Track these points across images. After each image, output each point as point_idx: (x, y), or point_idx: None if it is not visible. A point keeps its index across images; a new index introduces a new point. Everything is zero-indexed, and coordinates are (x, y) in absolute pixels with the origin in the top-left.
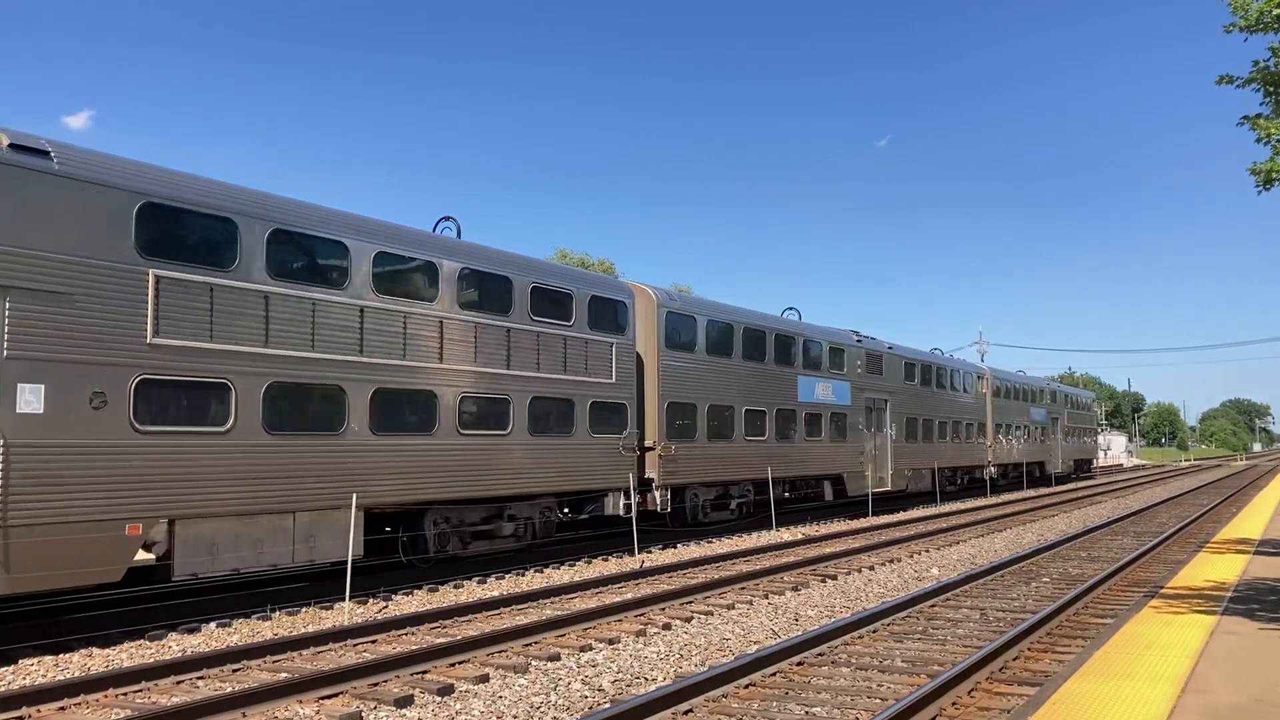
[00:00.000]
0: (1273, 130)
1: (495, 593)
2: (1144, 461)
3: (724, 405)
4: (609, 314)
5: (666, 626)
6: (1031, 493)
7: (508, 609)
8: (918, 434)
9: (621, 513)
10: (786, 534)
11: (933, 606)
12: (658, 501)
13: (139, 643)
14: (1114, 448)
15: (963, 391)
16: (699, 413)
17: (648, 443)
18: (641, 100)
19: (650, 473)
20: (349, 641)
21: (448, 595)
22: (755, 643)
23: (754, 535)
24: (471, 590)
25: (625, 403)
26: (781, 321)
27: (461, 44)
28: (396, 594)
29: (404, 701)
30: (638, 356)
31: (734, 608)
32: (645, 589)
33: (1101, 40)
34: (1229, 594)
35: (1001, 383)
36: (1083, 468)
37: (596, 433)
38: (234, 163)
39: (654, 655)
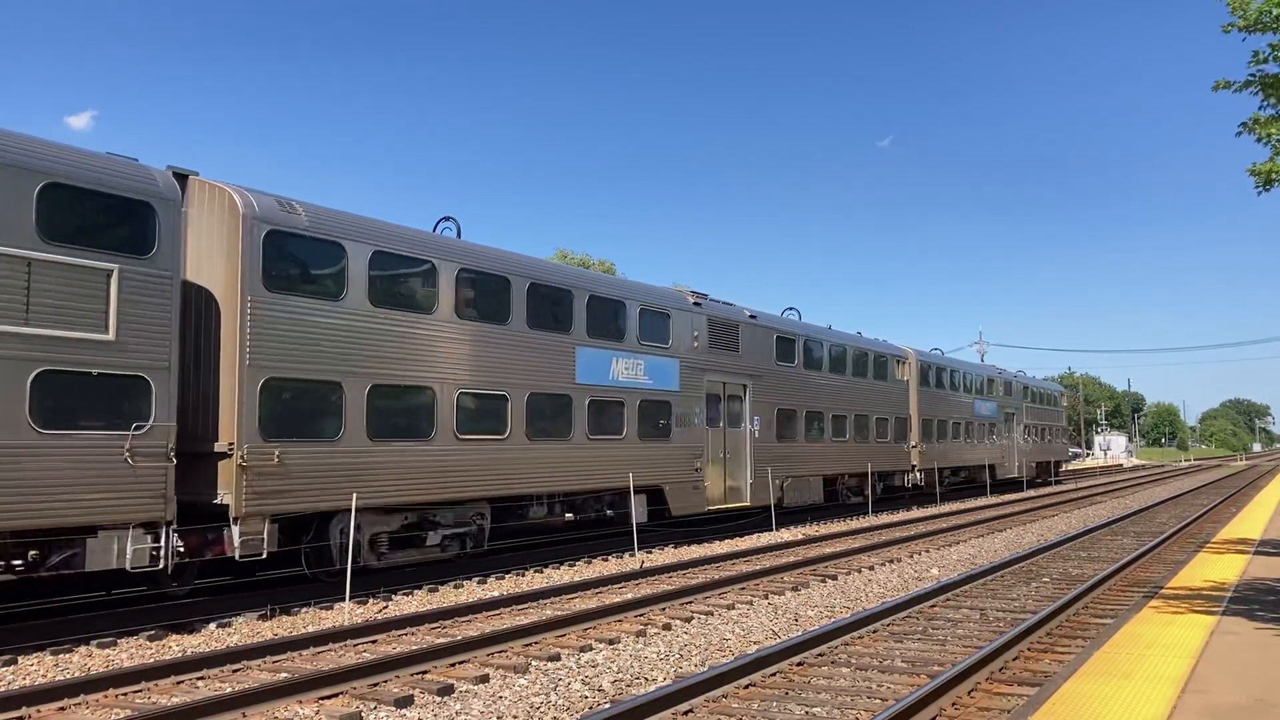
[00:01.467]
0: (1273, 131)
1: (495, 593)
2: (1144, 461)
3: (413, 384)
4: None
5: (666, 626)
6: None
7: (508, 609)
8: (796, 431)
9: (128, 566)
10: (786, 534)
11: (933, 606)
12: (235, 543)
13: (139, 643)
14: (1114, 448)
15: (871, 378)
16: (346, 395)
17: (220, 445)
18: (643, 100)
19: (225, 496)
20: (349, 641)
21: (448, 595)
22: (755, 643)
23: (754, 535)
24: (471, 590)
25: (141, 374)
26: (522, 261)
27: (462, 44)
28: (396, 594)
29: (404, 701)
30: (195, 295)
31: (734, 608)
32: (645, 589)
33: (1102, 41)
34: (1229, 594)
35: (933, 369)
36: (1049, 472)
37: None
38: (235, 162)
39: (654, 655)
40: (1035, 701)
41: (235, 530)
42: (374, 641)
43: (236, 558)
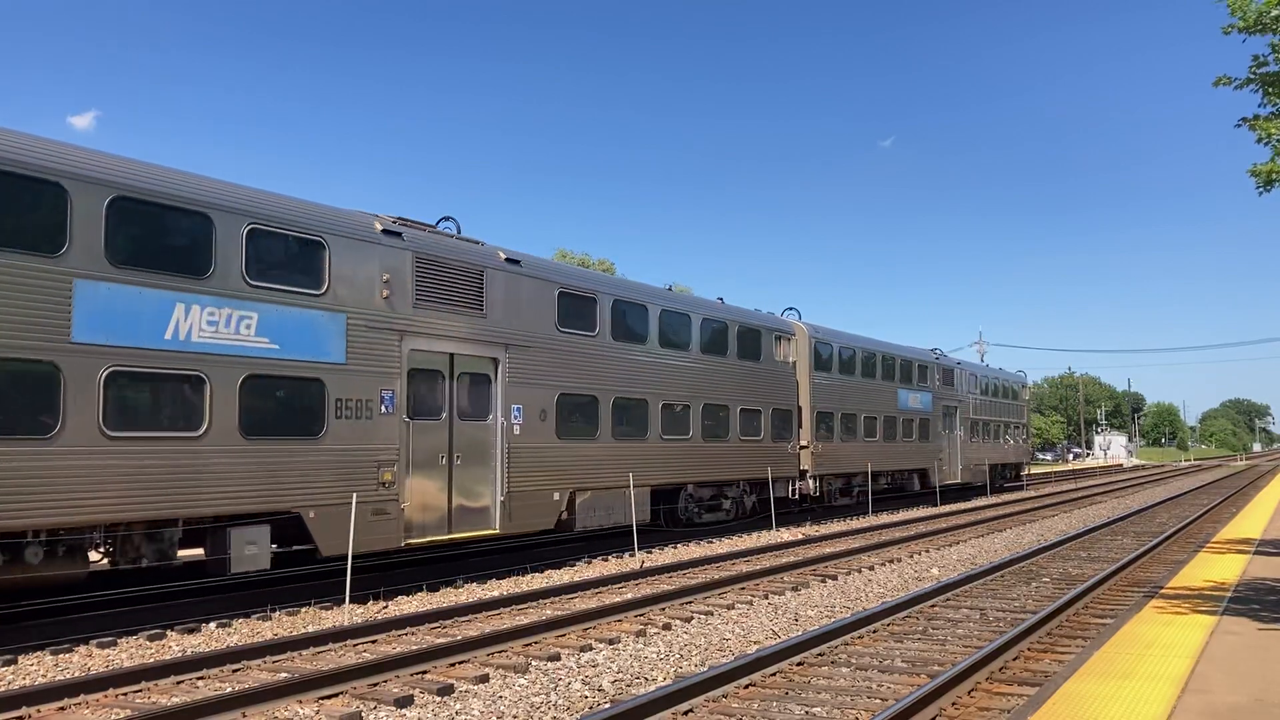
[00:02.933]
0: (1272, 130)
1: (495, 593)
2: (1144, 461)
3: None
4: None
5: (666, 626)
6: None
7: (508, 609)
8: (598, 425)
9: None
10: (786, 534)
11: (933, 606)
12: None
13: (139, 643)
14: (1114, 448)
15: (735, 357)
16: None
17: None
18: (644, 100)
19: None
20: (349, 641)
21: (448, 595)
22: (755, 643)
23: (754, 535)
24: (471, 590)
25: None
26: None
27: (462, 44)
28: (396, 594)
29: (404, 701)
30: None
31: (734, 608)
32: (645, 589)
33: (1103, 42)
34: (1229, 594)
35: (834, 350)
36: (1007, 477)
37: None
38: (236, 162)
39: (654, 655)
40: (1035, 701)
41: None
42: (374, 641)
43: None
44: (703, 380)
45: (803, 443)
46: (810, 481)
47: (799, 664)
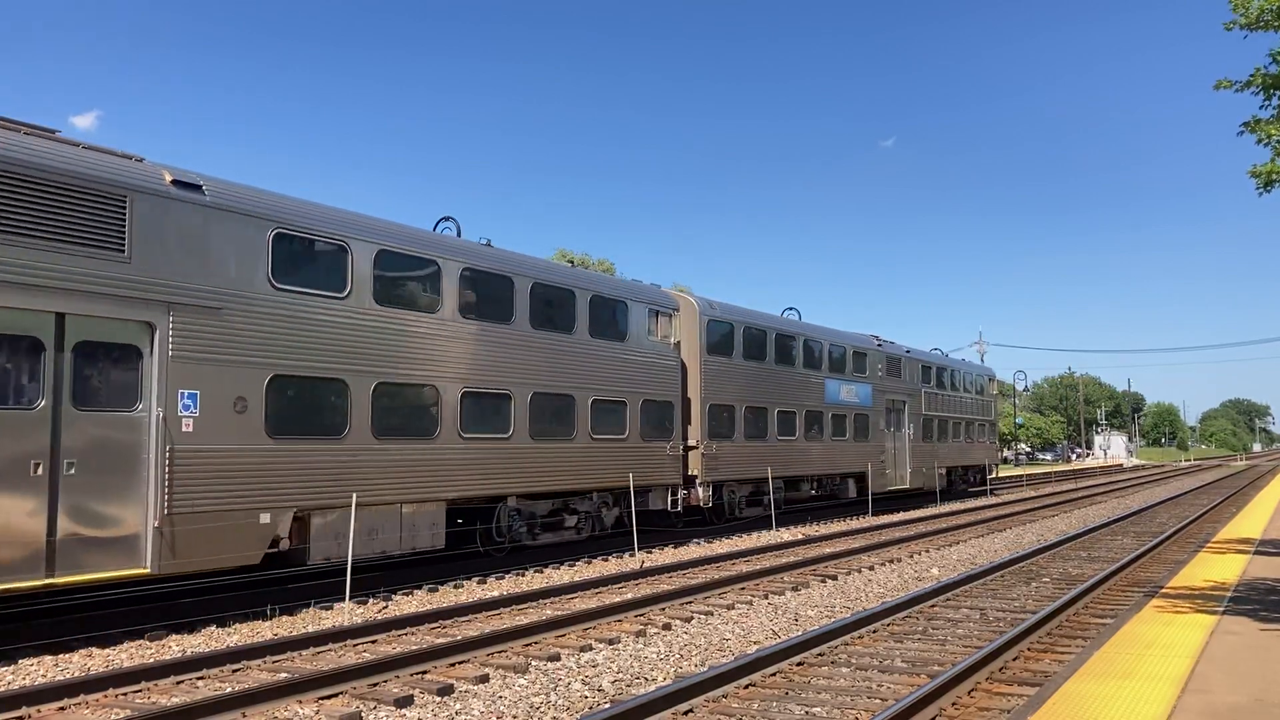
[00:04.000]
0: (1272, 132)
1: (495, 593)
2: (1144, 461)
3: None
4: None
5: (666, 626)
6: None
7: (507, 609)
8: (339, 419)
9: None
10: (786, 534)
11: (933, 606)
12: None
13: (139, 643)
14: (1114, 448)
15: (587, 334)
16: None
17: None
18: (644, 100)
19: None
20: (349, 641)
21: (448, 595)
22: (755, 643)
23: (754, 535)
24: (471, 590)
25: None
26: None
27: (462, 44)
28: (396, 594)
29: (404, 701)
30: None
31: (734, 608)
32: (645, 589)
33: (1104, 42)
34: (1229, 594)
35: (735, 331)
36: (969, 481)
37: None
38: (237, 162)
39: (654, 655)
40: (1035, 701)
41: None
42: (374, 641)
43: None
44: (532, 363)
45: (691, 442)
46: (700, 490)
47: (799, 664)
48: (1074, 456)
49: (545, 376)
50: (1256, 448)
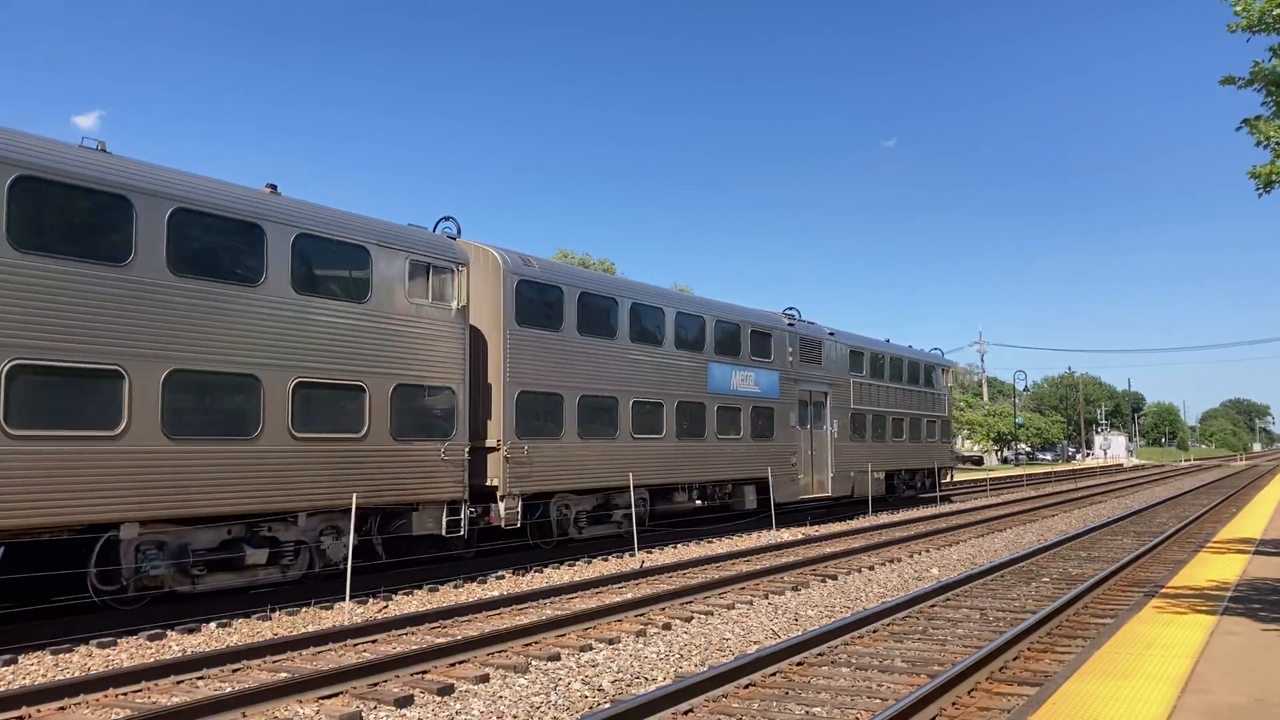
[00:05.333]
0: (1271, 134)
1: (495, 593)
2: (1144, 461)
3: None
4: None
5: (666, 626)
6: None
7: (507, 609)
8: None
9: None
10: (786, 534)
11: (933, 606)
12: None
13: (139, 643)
14: (1114, 448)
15: (282, 289)
16: None
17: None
18: (646, 101)
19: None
20: (349, 641)
21: (448, 595)
22: (755, 643)
23: (754, 535)
24: (471, 590)
25: None
26: None
27: (462, 44)
28: (396, 594)
29: (404, 701)
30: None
31: (734, 608)
32: (645, 589)
33: (1105, 42)
34: (1229, 594)
35: (562, 295)
36: (919, 486)
37: None
38: (237, 162)
39: (654, 655)
40: (1035, 701)
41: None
42: (374, 641)
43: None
44: (170, 328)
45: (490, 442)
46: (503, 505)
47: (799, 664)
48: (1080, 456)
49: (195, 350)
50: (1256, 448)
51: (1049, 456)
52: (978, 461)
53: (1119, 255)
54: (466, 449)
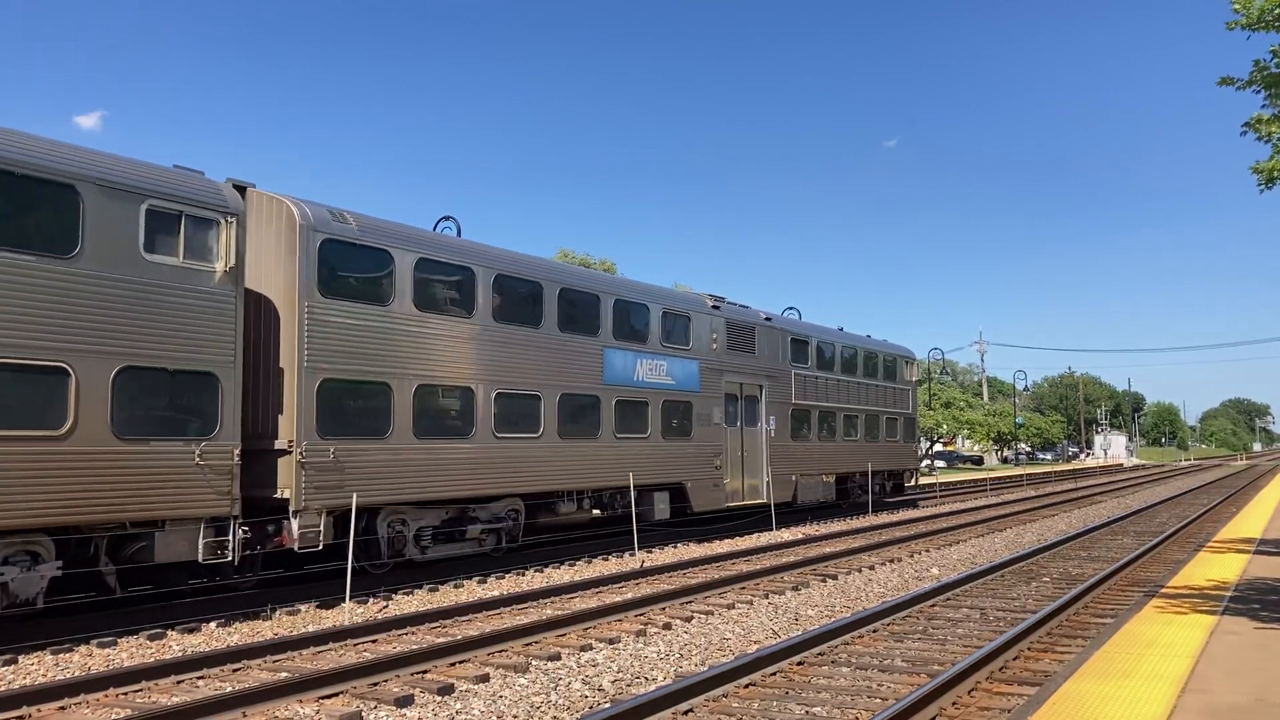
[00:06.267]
0: (1274, 130)
1: (495, 593)
2: (1144, 461)
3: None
4: None
5: (666, 626)
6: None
7: (508, 609)
8: None
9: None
10: (786, 534)
11: (933, 606)
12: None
13: (139, 642)
14: (1114, 447)
15: (15, 245)
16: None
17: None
18: (647, 101)
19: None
20: (349, 641)
21: (448, 595)
22: (755, 642)
23: (754, 535)
24: (471, 590)
25: None
26: None
27: (463, 45)
28: (396, 594)
29: (404, 701)
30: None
31: (734, 607)
32: (645, 589)
33: (1106, 42)
34: (1229, 593)
35: (391, 259)
36: (880, 490)
37: None
38: (239, 162)
39: (654, 655)
40: (1035, 701)
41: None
42: (374, 641)
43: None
44: None
45: (280, 443)
46: (296, 523)
47: (799, 663)
48: (1083, 455)
49: None
50: (1257, 447)
51: (1049, 456)
52: (978, 461)
53: (1119, 255)
54: (237, 451)
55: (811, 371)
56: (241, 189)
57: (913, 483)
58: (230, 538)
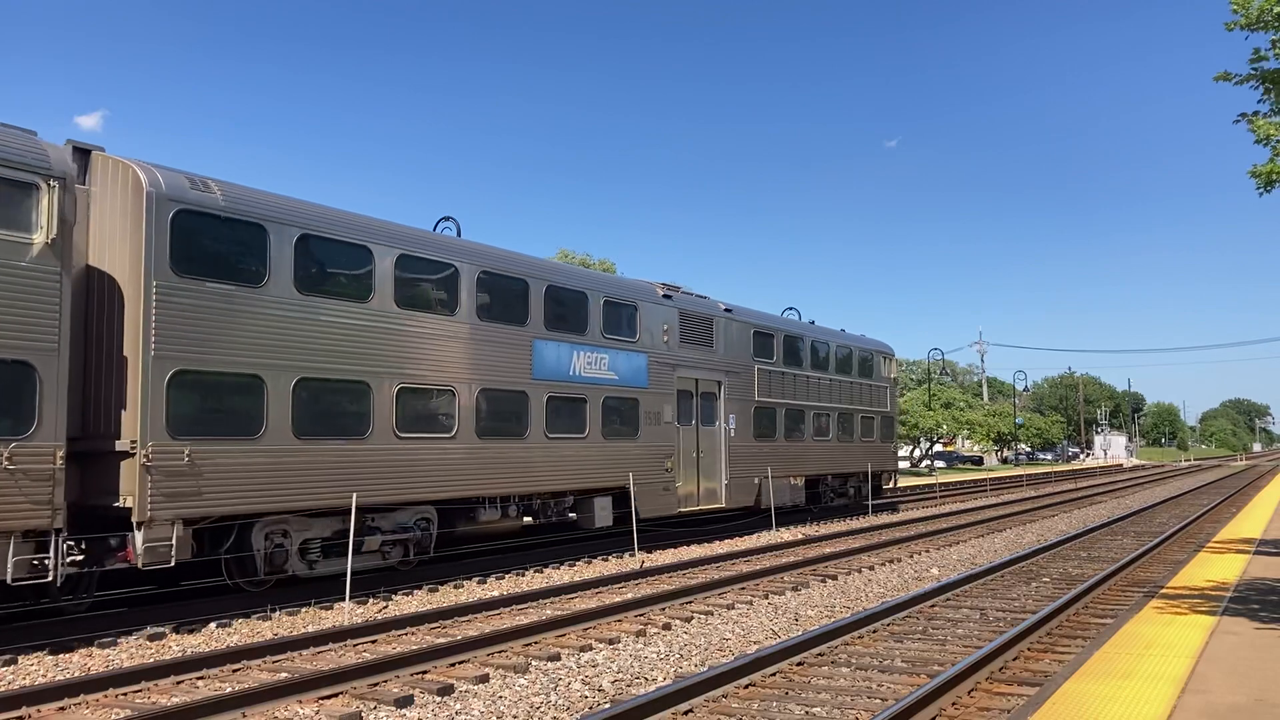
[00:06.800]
0: (1271, 131)
1: (495, 593)
2: (1144, 461)
3: None
4: None
5: (666, 626)
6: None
7: (508, 609)
8: None
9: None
10: (786, 534)
11: (933, 606)
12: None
13: (139, 642)
14: (1114, 448)
15: None
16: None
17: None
18: (648, 102)
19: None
20: (349, 641)
21: (448, 595)
22: (755, 643)
23: (754, 535)
24: (471, 590)
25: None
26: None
27: (464, 46)
28: (396, 594)
29: (404, 701)
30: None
31: (734, 608)
32: (645, 589)
33: (1107, 43)
34: (1229, 594)
35: (266, 237)
36: (854, 494)
37: None
38: (240, 163)
39: (654, 655)
40: (1035, 701)
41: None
42: (374, 641)
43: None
44: None
45: (122, 444)
46: (139, 536)
47: (799, 664)
48: (1083, 456)
49: None
50: (1256, 448)
51: (1050, 456)
52: (978, 462)
53: (1119, 255)
54: (61, 453)
55: (777, 367)
56: (85, 151)
57: (891, 485)
58: (52, 554)
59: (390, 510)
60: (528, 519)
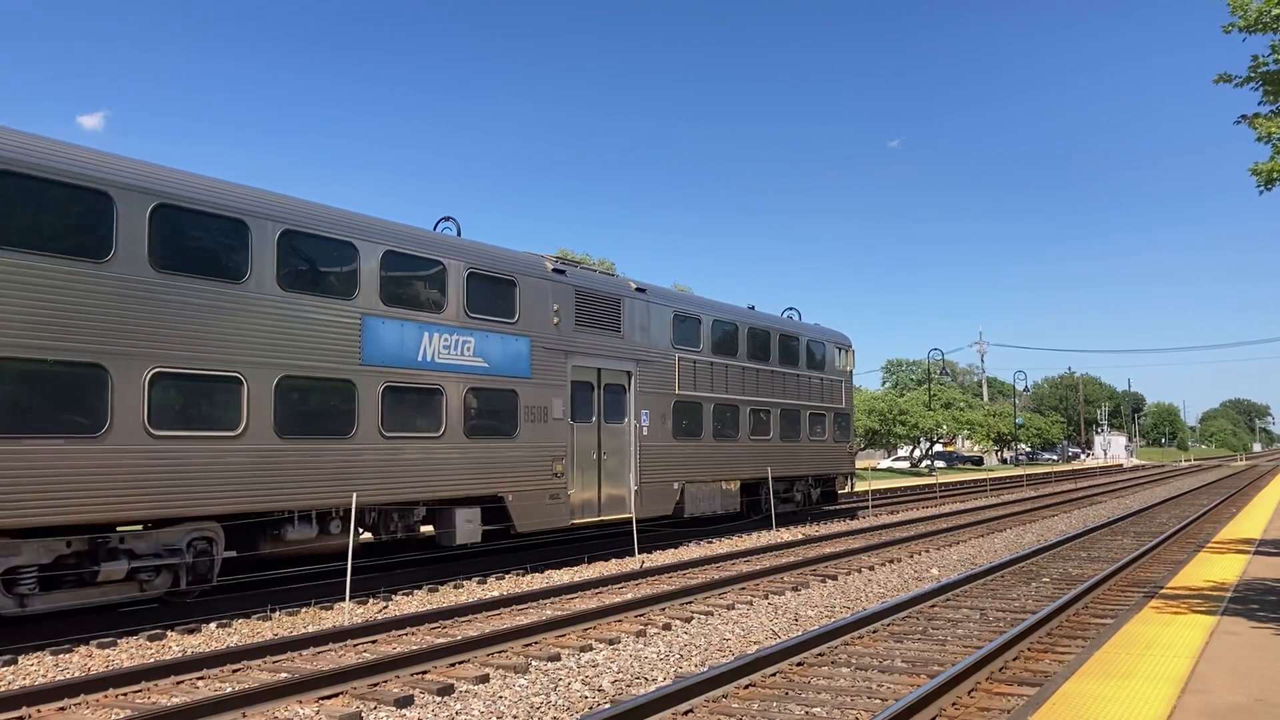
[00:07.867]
0: (1272, 130)
1: (495, 593)
2: (1144, 462)
3: None
4: None
5: (666, 627)
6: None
7: (508, 609)
8: None
9: None
10: (786, 534)
11: (933, 607)
12: None
13: (139, 642)
14: (1114, 448)
15: None
16: None
17: None
18: (649, 102)
19: None
20: (349, 641)
21: (448, 595)
22: (755, 643)
23: (754, 535)
24: (471, 590)
25: None
26: None
27: (465, 46)
28: (396, 594)
29: (404, 701)
30: None
31: (734, 608)
32: (645, 589)
33: (1108, 44)
34: (1229, 594)
35: None
36: (804, 500)
37: None
38: (241, 163)
39: (654, 655)
40: (1035, 701)
41: None
42: (374, 641)
43: None
44: None
45: None
46: None
47: (799, 664)
48: (1083, 456)
49: None
50: (1256, 448)
51: (1052, 457)
52: (978, 462)
53: (1119, 256)
54: None
55: (704, 356)
56: None
57: (847, 489)
58: None
59: (150, 527)
60: (368, 536)
